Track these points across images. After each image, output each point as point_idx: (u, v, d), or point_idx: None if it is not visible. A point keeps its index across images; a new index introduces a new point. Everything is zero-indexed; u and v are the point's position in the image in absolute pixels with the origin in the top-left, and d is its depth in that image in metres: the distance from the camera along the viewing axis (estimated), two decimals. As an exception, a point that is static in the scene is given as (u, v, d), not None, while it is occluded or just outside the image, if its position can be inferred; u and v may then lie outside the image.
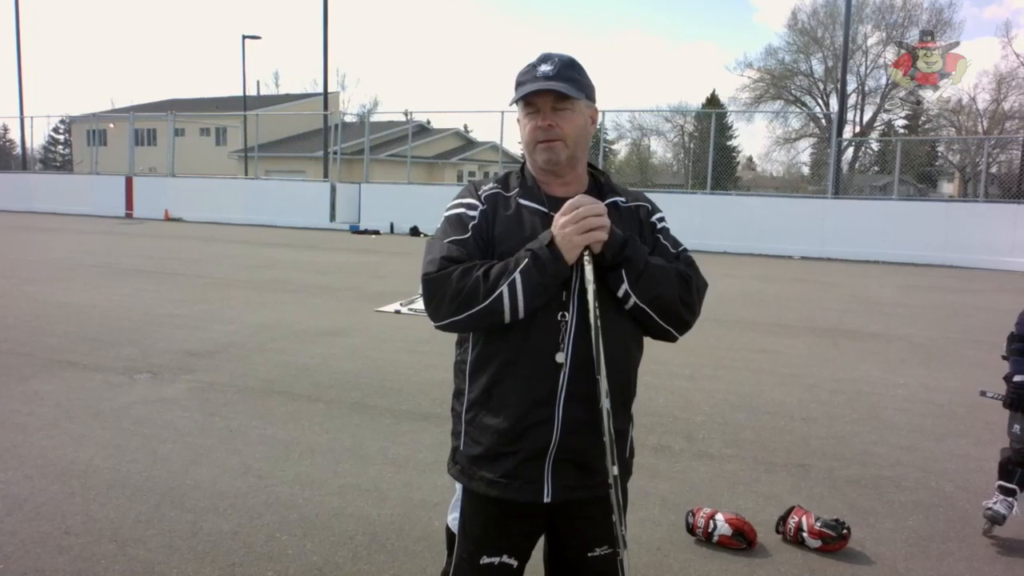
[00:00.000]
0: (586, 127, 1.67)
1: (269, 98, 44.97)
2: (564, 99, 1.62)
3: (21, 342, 6.12)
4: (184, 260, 11.94)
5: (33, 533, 2.95)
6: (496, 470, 1.64)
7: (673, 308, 1.63)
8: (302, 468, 3.72)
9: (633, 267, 1.58)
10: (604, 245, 1.55)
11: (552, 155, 1.63)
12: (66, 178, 27.39)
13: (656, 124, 38.01)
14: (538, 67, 1.65)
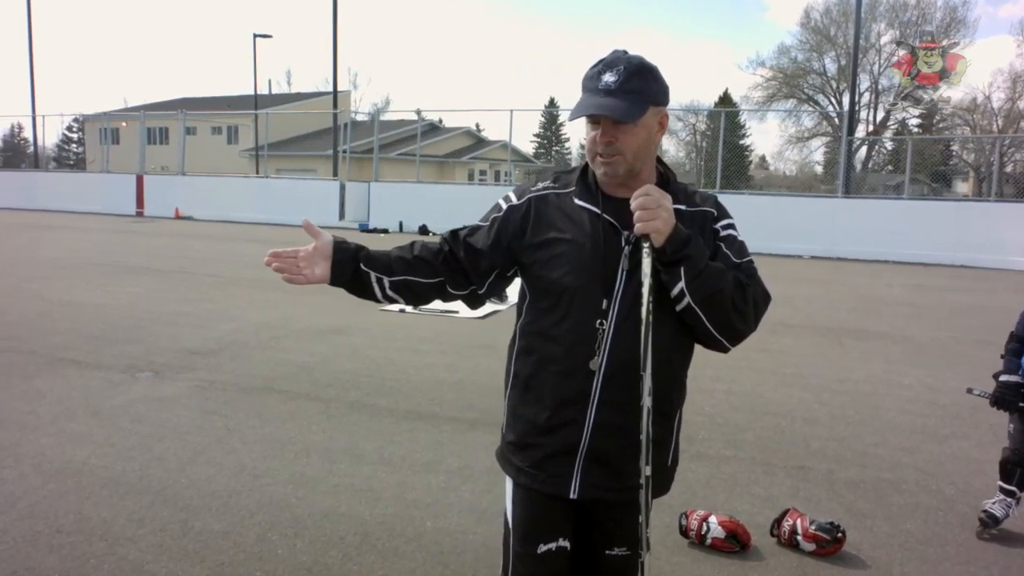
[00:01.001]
0: (651, 138, 1.60)
1: (281, 97, 45.13)
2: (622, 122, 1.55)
3: (25, 340, 6.16)
4: (192, 259, 11.99)
5: (25, 531, 2.96)
6: (525, 459, 1.67)
7: (726, 314, 1.56)
8: (297, 467, 3.71)
9: (692, 265, 1.52)
10: (666, 239, 1.49)
11: (610, 169, 1.58)
12: (78, 176, 27.62)
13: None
14: (602, 75, 1.55)
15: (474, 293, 1.74)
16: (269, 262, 1.65)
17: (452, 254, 1.71)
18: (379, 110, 39.08)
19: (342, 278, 1.66)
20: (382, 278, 1.67)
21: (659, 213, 1.48)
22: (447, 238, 1.74)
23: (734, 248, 1.64)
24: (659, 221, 1.48)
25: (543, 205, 1.67)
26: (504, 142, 41.27)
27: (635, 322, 1.53)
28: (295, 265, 1.64)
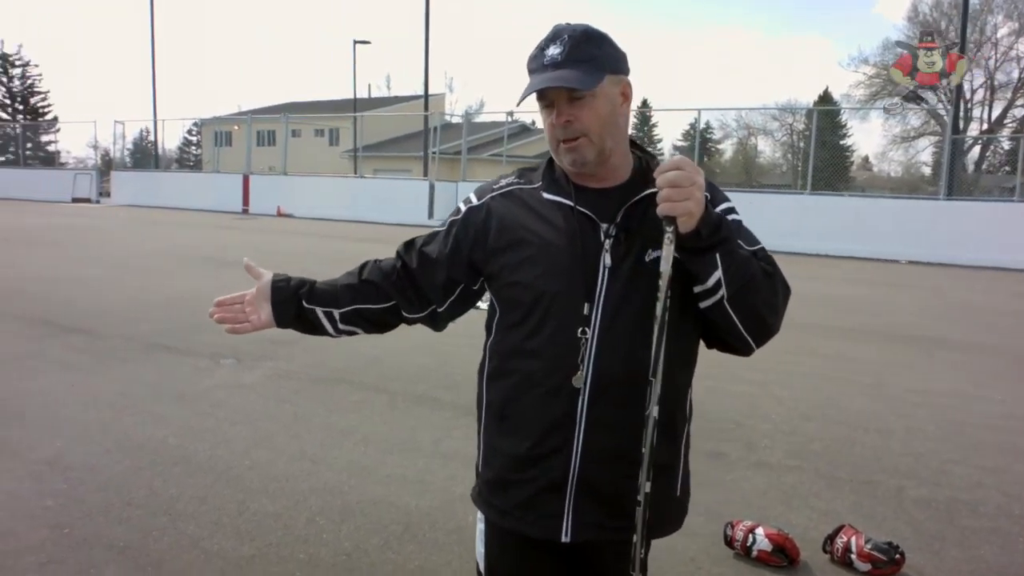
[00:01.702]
0: (615, 110, 1.36)
1: (380, 100, 46.48)
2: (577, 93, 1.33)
3: (126, 327, 6.59)
4: (286, 254, 12.52)
5: (100, 502, 3.18)
6: (508, 500, 1.43)
7: (758, 308, 1.33)
8: (354, 456, 3.83)
9: (728, 250, 1.27)
10: (699, 221, 1.23)
11: (577, 155, 1.35)
12: (193, 176, 29.34)
13: (764, 123, 36.77)
14: (546, 50, 1.35)
15: (434, 313, 1.53)
16: (212, 313, 1.54)
17: (406, 269, 1.52)
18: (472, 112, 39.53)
19: (285, 318, 1.53)
20: (331, 311, 1.53)
21: (692, 192, 1.22)
22: (400, 250, 1.55)
23: (741, 234, 1.36)
24: (692, 202, 1.22)
25: (507, 203, 1.45)
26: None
27: (624, 328, 1.34)
28: (241, 311, 1.53)
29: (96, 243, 13.42)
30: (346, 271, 1.57)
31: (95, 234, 15.11)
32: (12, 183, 28.59)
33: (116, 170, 28.71)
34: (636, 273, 1.33)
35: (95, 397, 4.62)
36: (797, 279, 7.49)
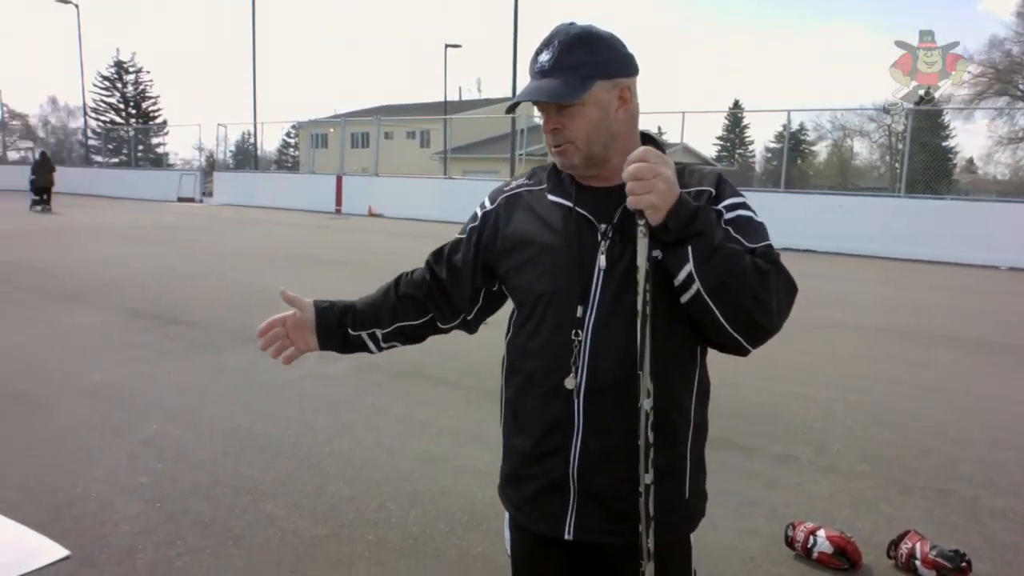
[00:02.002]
0: (608, 116, 1.35)
1: (470, 103, 47.12)
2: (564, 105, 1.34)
3: (222, 319, 7.00)
4: (374, 253, 12.92)
5: (190, 482, 3.43)
6: (519, 495, 1.46)
7: (744, 304, 1.26)
8: (428, 447, 3.98)
9: (704, 243, 1.24)
10: (667, 214, 1.22)
11: (564, 160, 1.38)
12: (289, 177, 30.55)
13: (860, 124, 35.27)
14: (539, 55, 1.35)
15: (465, 320, 1.58)
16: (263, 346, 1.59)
17: (436, 280, 1.56)
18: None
19: (331, 345, 1.58)
20: (374, 332, 1.57)
21: (654, 184, 1.20)
22: (431, 260, 1.59)
23: (746, 231, 1.33)
24: (653, 194, 1.21)
25: (514, 205, 1.48)
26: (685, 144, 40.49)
27: (617, 330, 1.32)
28: (284, 337, 1.58)
29: (198, 241, 14.22)
30: (382, 286, 1.62)
31: (197, 232, 15.99)
32: (124, 183, 30.55)
33: (218, 171, 30.22)
34: (630, 274, 1.29)
35: (189, 384, 4.95)
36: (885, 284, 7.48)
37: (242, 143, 37.85)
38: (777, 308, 1.30)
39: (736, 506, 3.33)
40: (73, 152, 47.38)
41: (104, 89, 54.85)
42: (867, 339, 6.82)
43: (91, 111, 50.36)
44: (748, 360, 1.50)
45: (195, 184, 28.38)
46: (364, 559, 2.81)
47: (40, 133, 55.83)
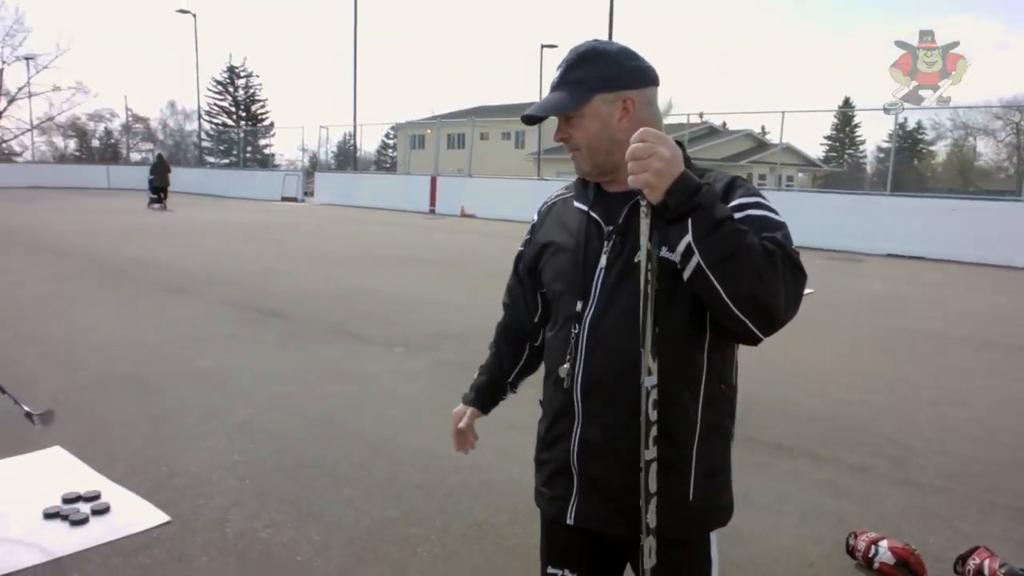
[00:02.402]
0: (607, 127, 1.42)
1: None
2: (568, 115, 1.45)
3: (316, 314, 7.38)
4: (465, 253, 13.22)
5: (277, 463, 3.70)
6: (538, 477, 1.59)
7: (748, 282, 1.24)
8: (499, 441, 4.08)
9: (704, 216, 1.24)
10: (666, 191, 1.23)
11: (577, 167, 1.51)
12: (386, 177, 31.49)
13: (985, 122, 33.25)
14: (556, 71, 1.48)
15: (534, 325, 1.71)
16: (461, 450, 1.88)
17: (519, 289, 1.72)
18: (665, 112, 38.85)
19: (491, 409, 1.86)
20: (504, 386, 1.82)
21: (650, 163, 1.22)
22: (511, 283, 1.75)
23: (755, 225, 1.31)
24: (649, 173, 1.23)
25: (550, 213, 1.62)
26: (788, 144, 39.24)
27: (610, 327, 1.40)
28: (462, 436, 1.85)
29: (297, 239, 14.91)
30: (491, 344, 1.84)
31: (297, 231, 16.76)
32: (232, 183, 32.25)
33: (319, 171, 31.46)
34: (626, 272, 1.38)
35: (282, 373, 5.28)
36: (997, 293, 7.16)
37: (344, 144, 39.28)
38: (784, 292, 1.26)
39: (801, 513, 3.32)
40: (188, 153, 50.32)
41: (217, 93, 58.01)
42: (972, 352, 6.54)
43: (205, 114, 53.31)
44: (841, 371, 1.53)
45: (297, 184, 29.65)
46: (429, 541, 2.97)
47: (159, 135, 59.54)
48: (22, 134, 49.34)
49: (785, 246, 1.30)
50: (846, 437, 4.30)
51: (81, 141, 55.48)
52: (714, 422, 1.44)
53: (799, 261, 1.31)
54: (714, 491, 1.46)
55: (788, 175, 40.68)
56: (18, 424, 4.20)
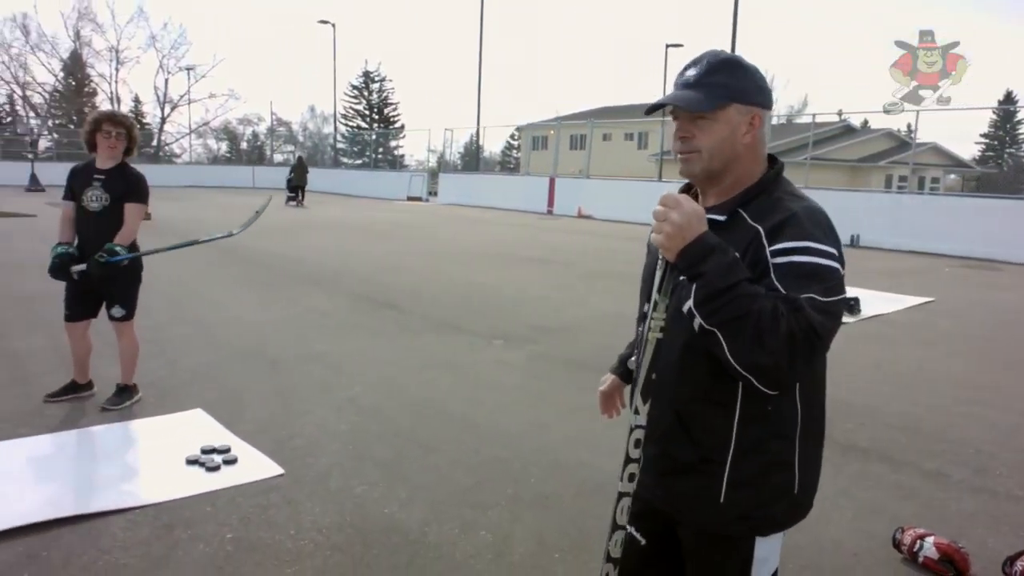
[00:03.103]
0: (734, 137, 1.48)
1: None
2: (699, 113, 1.48)
3: (427, 307, 7.92)
4: (575, 252, 13.52)
5: (376, 432, 4.17)
6: None
7: (748, 348, 1.32)
8: (578, 427, 4.42)
9: (706, 283, 1.34)
10: (677, 254, 1.36)
11: (686, 168, 1.53)
12: (506, 178, 32.27)
13: None
14: (687, 71, 1.52)
15: None
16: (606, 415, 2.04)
17: None
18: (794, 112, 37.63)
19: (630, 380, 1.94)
20: None
21: (662, 227, 1.35)
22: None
23: (790, 276, 1.38)
24: (661, 236, 1.36)
25: None
26: (934, 144, 36.92)
27: (667, 330, 1.48)
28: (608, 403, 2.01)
29: (418, 236, 15.71)
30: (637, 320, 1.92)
31: (419, 229, 17.61)
32: (363, 183, 34.01)
33: (443, 172, 32.63)
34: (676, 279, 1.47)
35: (389, 359, 5.80)
36: None
37: (470, 145, 40.48)
38: (790, 355, 1.31)
39: (859, 509, 3.43)
40: (324, 154, 53.32)
41: (353, 97, 60.99)
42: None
43: (341, 117, 56.26)
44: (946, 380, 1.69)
45: (422, 184, 30.91)
46: (499, 506, 3.33)
47: (300, 138, 63.41)
48: (182, 138, 54.03)
49: (802, 309, 1.33)
50: (929, 445, 4.31)
51: (231, 143, 59.93)
52: (753, 444, 1.52)
53: (818, 325, 1.34)
54: (744, 502, 1.55)
55: (934, 177, 38.33)
56: (169, 389, 4.92)
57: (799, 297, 1.34)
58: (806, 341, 1.32)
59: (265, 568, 2.78)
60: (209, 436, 3.99)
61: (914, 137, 21.72)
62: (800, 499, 1.61)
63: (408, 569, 2.81)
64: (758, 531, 1.59)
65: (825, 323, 1.35)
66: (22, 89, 50.62)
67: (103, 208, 4.31)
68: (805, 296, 1.35)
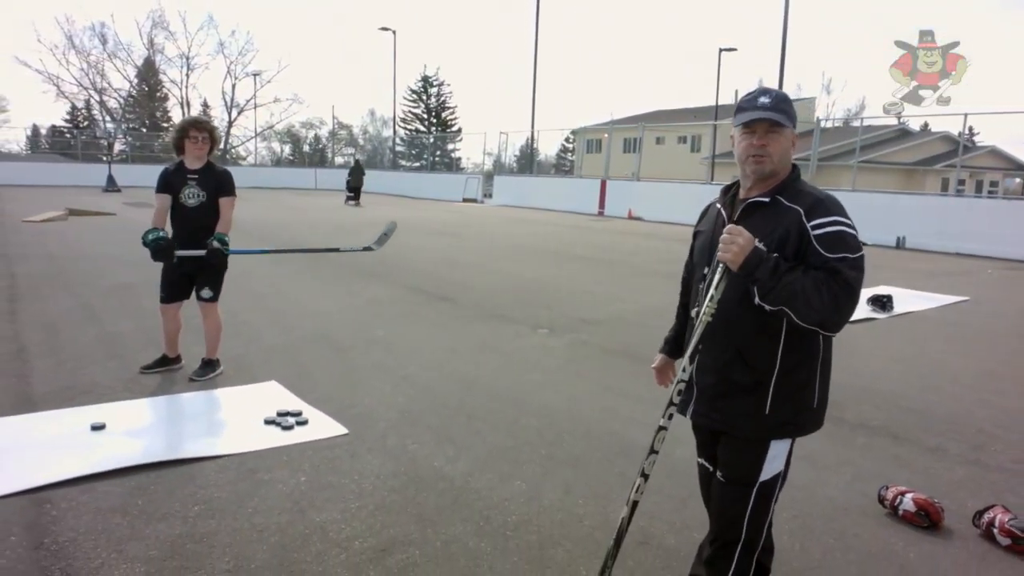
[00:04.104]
0: (789, 148, 2.14)
1: (746, 105, 46.13)
2: (777, 125, 2.09)
3: (478, 300, 8.47)
4: (623, 251, 13.93)
5: (428, 402, 4.72)
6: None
7: (806, 312, 1.96)
8: (609, 403, 4.89)
9: (761, 285, 2.00)
10: (738, 267, 2.01)
11: (759, 167, 2.11)
12: (558, 180, 32.80)
13: None
14: (759, 98, 2.11)
15: None
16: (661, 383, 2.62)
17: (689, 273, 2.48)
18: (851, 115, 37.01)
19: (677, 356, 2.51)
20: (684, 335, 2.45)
21: (730, 248, 2.02)
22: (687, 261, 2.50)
23: (831, 243, 2.01)
24: (729, 255, 2.02)
25: (707, 212, 2.40)
26: (992, 147, 35.98)
27: (725, 286, 2.06)
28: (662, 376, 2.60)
29: (472, 235, 16.31)
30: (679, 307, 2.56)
31: (473, 228, 18.23)
32: (420, 185, 34.92)
33: (497, 174, 33.26)
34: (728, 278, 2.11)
35: (441, 344, 6.36)
36: None
37: (526, 148, 41.07)
38: (835, 308, 1.97)
39: (858, 475, 3.82)
40: (383, 157, 54.54)
41: (411, 101, 62.28)
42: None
43: (400, 121, 57.51)
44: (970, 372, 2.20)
45: (477, 186, 31.59)
46: (533, 463, 3.83)
47: (360, 141, 64.99)
48: (248, 141, 56.11)
49: (840, 270, 1.97)
50: (936, 425, 4.64)
51: (294, 146, 61.88)
52: (792, 367, 2.13)
53: (852, 280, 1.99)
54: (785, 410, 2.15)
55: (992, 180, 37.38)
56: (246, 365, 5.55)
57: (835, 263, 1.98)
58: (845, 295, 1.97)
59: (334, 502, 3.34)
60: (283, 403, 4.59)
61: (965, 140, 21.36)
62: (817, 411, 2.22)
63: (453, 507, 3.34)
64: (790, 435, 2.21)
65: (858, 277, 2.00)
66: (99, 95, 53.27)
67: (199, 204, 4.98)
68: (839, 255, 1.99)
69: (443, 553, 2.94)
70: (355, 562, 2.85)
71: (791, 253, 2.05)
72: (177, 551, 2.88)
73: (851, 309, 2.01)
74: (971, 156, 36.25)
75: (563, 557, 2.94)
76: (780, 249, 2.06)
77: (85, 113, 57.86)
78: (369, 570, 2.80)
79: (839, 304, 1.97)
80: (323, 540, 3.00)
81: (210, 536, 3.00)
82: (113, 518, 3.12)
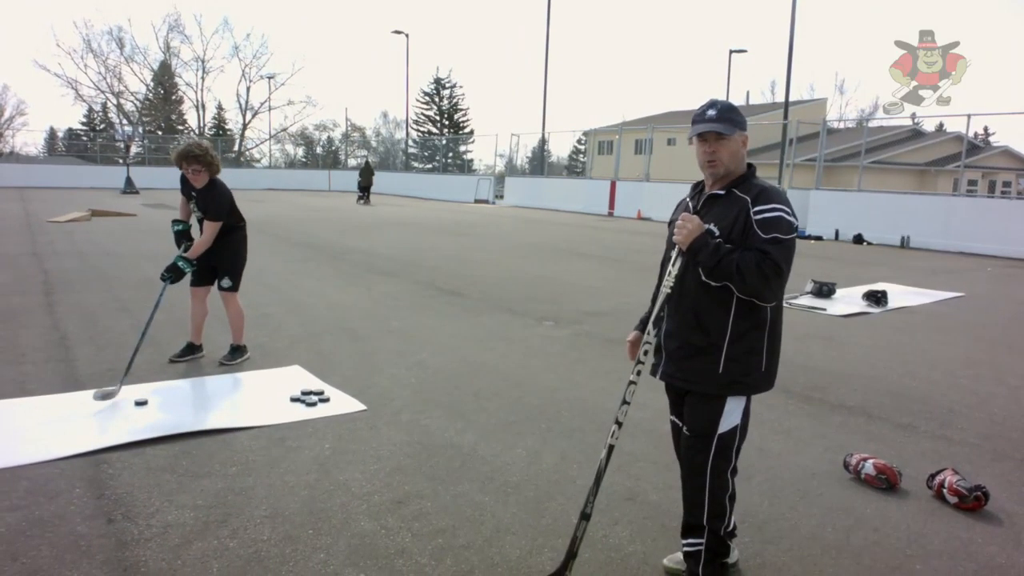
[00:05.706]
0: (739, 151, 2.52)
1: (759, 107, 46.30)
2: (722, 135, 2.48)
3: (487, 294, 8.88)
4: (627, 250, 14.31)
5: (439, 384, 5.13)
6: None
7: (740, 286, 2.41)
8: (605, 385, 5.28)
9: (703, 265, 2.45)
10: (687, 248, 2.47)
11: (714, 171, 2.54)
12: (569, 181, 33.12)
13: None
14: (707, 111, 2.51)
15: None
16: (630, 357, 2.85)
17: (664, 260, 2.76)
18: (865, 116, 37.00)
19: None
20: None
21: (682, 231, 2.47)
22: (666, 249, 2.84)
23: (768, 226, 2.42)
24: (680, 236, 2.48)
25: (679, 205, 2.78)
26: (1005, 147, 36.04)
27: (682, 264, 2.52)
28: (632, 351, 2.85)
29: (483, 235, 16.72)
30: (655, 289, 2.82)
31: (484, 228, 18.64)
32: (432, 186, 35.43)
33: (509, 176, 33.68)
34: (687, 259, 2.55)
35: (452, 333, 6.77)
36: None
37: (537, 149, 41.47)
38: (768, 286, 2.40)
39: (829, 447, 4.19)
40: (396, 159, 55.13)
41: (424, 104, 62.85)
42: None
43: (412, 123, 58.07)
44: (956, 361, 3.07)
45: (489, 187, 32.02)
46: (534, 435, 4.24)
47: (373, 143, 65.62)
48: (262, 143, 56.86)
49: (769, 252, 2.38)
50: (909, 406, 5.00)
51: (308, 148, 62.59)
52: (743, 333, 2.53)
53: (780, 262, 2.39)
54: (735, 371, 2.54)
55: (1005, 180, 37.43)
56: (271, 351, 5.98)
57: (768, 244, 2.39)
58: (774, 273, 2.38)
59: (355, 465, 3.76)
60: (306, 384, 5.02)
61: (979, 141, 21.54)
62: (766, 374, 2.60)
63: (461, 469, 3.75)
64: (742, 392, 2.59)
65: (786, 257, 2.41)
66: (116, 98, 54.17)
67: (199, 219, 5.46)
68: (771, 236, 2.40)
69: (452, 504, 3.35)
70: (375, 511, 3.26)
71: (738, 234, 2.46)
72: (220, 501, 3.31)
73: (780, 284, 2.42)
74: (984, 156, 36.39)
75: (556, 508, 3.35)
76: (731, 230, 2.47)
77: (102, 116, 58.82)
78: (387, 517, 3.22)
79: (768, 280, 2.38)
80: (346, 494, 3.42)
81: (248, 490, 3.43)
82: (162, 476, 3.56)
